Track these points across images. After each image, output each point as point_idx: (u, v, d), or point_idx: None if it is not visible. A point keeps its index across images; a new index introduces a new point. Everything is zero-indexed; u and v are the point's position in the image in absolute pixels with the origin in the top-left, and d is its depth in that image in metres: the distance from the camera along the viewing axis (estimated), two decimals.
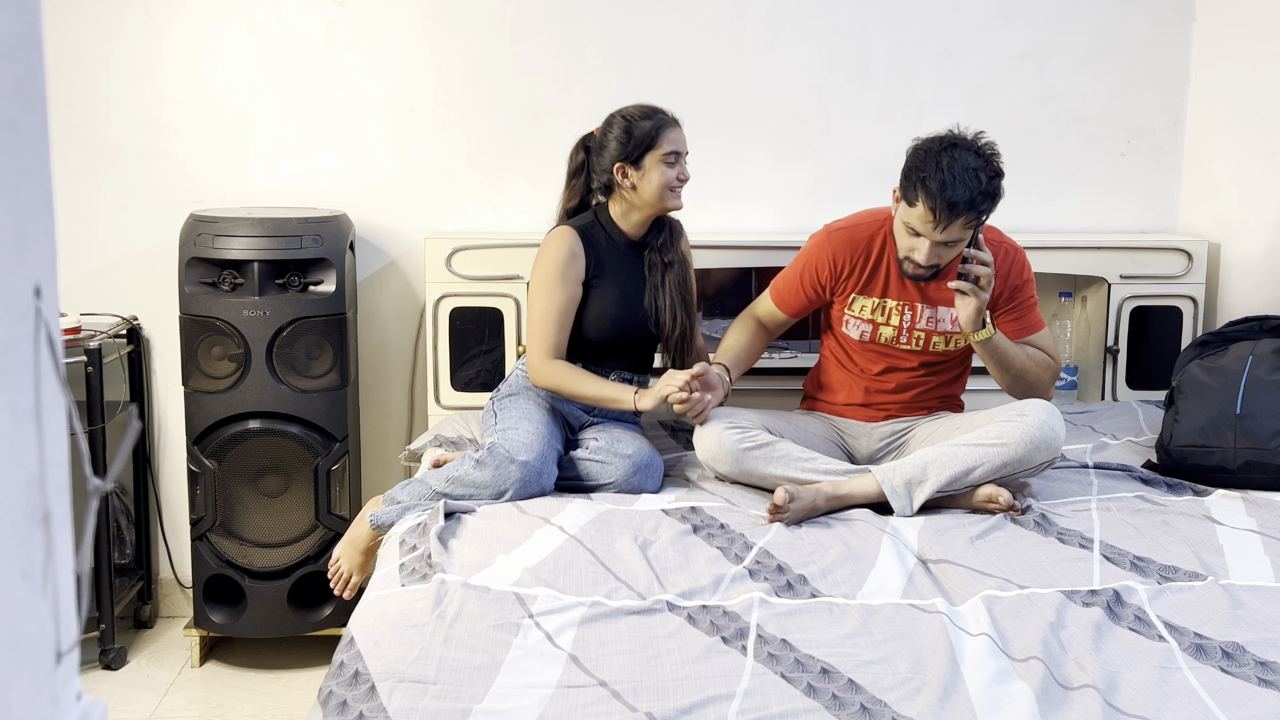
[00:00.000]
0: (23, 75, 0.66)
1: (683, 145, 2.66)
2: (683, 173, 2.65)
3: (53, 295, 0.69)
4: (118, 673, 3.04)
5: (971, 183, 2.35)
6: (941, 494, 2.39)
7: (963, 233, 2.41)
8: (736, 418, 2.52)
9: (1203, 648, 1.77)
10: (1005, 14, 3.33)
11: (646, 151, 2.61)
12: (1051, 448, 2.39)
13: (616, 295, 2.68)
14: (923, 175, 2.37)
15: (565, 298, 2.63)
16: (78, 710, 0.71)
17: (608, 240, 2.70)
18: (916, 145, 2.46)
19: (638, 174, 2.63)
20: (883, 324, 2.62)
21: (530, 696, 1.61)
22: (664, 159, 2.61)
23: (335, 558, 2.57)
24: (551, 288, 2.63)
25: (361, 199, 3.26)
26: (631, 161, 2.62)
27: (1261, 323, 2.80)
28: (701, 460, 2.54)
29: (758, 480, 2.48)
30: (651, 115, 2.65)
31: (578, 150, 2.76)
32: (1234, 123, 3.25)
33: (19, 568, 0.64)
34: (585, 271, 2.66)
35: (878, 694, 1.63)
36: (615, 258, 2.70)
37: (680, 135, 2.66)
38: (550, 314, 2.62)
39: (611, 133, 2.65)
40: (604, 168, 2.66)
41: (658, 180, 2.61)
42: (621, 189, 2.66)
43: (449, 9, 3.23)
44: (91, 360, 2.94)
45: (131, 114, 3.20)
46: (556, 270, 2.63)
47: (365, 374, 3.33)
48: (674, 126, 2.65)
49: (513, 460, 2.38)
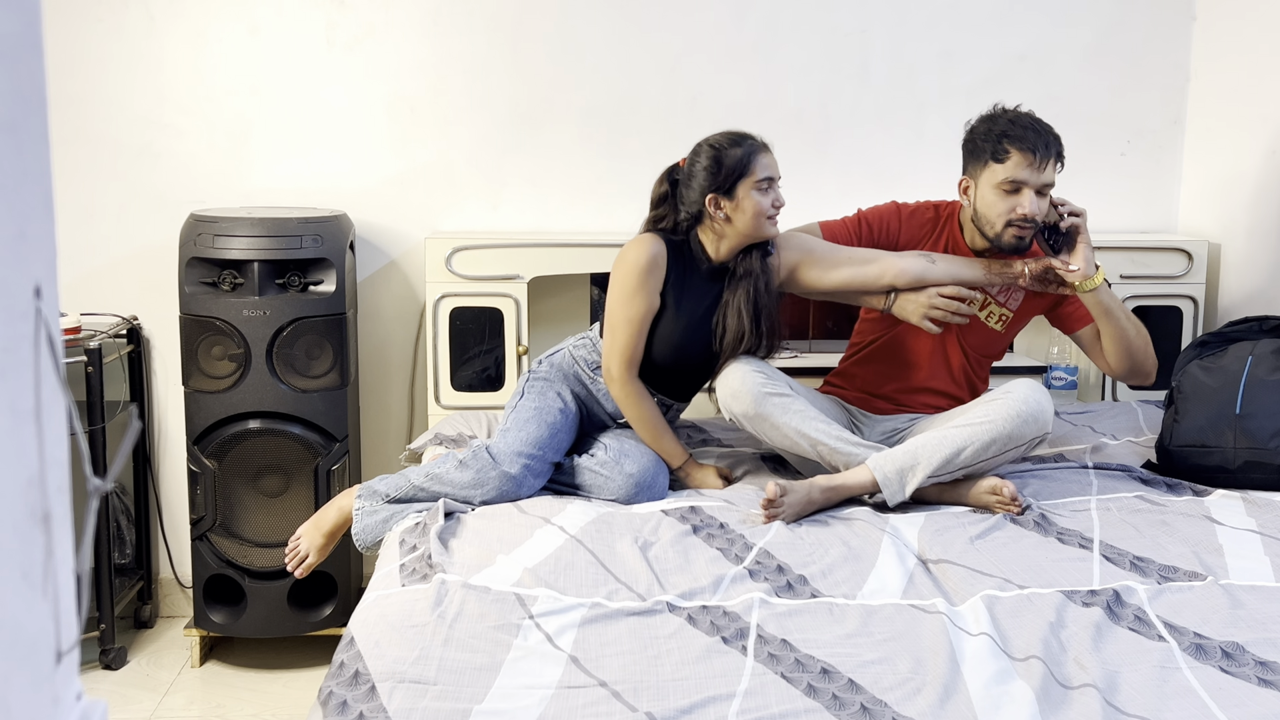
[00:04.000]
0: (23, 75, 0.66)
1: (776, 170, 2.54)
2: (778, 199, 2.53)
3: (53, 295, 0.69)
4: (118, 673, 3.04)
5: (1046, 125, 2.53)
6: (935, 479, 2.39)
7: (1054, 176, 2.54)
8: (764, 367, 2.54)
9: (1202, 647, 1.77)
10: (1005, 14, 3.33)
11: (739, 180, 2.49)
12: (1040, 421, 2.39)
13: (686, 320, 2.58)
14: (1002, 130, 2.51)
15: (644, 307, 2.54)
16: (78, 710, 0.71)
17: (692, 261, 2.59)
18: (975, 121, 2.59)
19: (731, 204, 2.50)
20: None
21: (530, 697, 1.61)
22: (757, 186, 2.50)
23: (296, 535, 2.54)
24: (631, 296, 2.53)
25: (361, 199, 3.26)
26: (724, 192, 2.50)
27: (1261, 323, 2.80)
28: (720, 398, 2.53)
29: (769, 429, 2.48)
30: (741, 142, 2.53)
31: (661, 182, 2.62)
32: (1234, 123, 3.25)
33: (19, 568, 0.64)
34: (664, 283, 2.56)
35: (878, 694, 1.63)
36: (696, 280, 2.59)
37: (772, 160, 2.54)
38: (629, 324, 2.54)
39: (699, 163, 2.53)
40: (693, 200, 2.53)
41: (752, 209, 2.50)
42: (714, 220, 2.54)
43: (449, 9, 3.23)
44: (91, 360, 2.94)
45: (132, 114, 3.21)
46: (637, 278, 2.53)
47: (365, 374, 3.33)
48: (765, 152, 2.54)
49: (495, 467, 2.38)
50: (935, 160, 3.24)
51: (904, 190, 3.00)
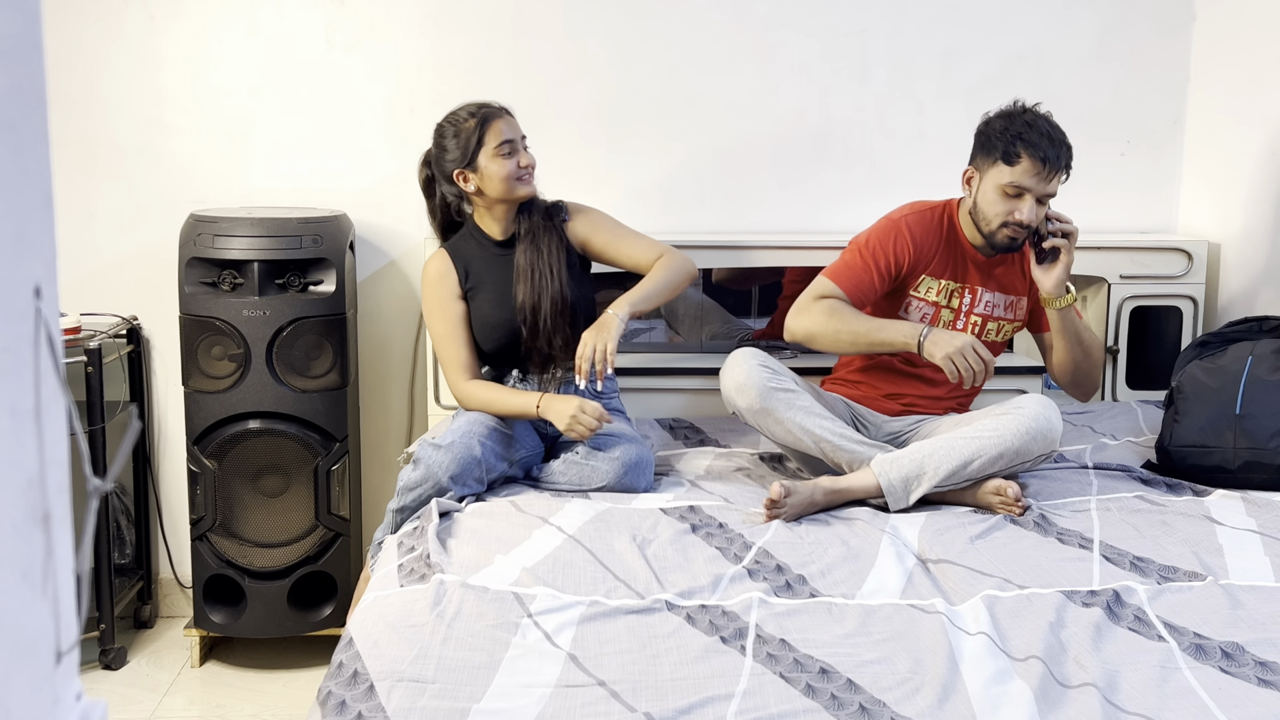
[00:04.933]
0: (23, 75, 0.66)
1: (516, 131, 2.59)
2: (524, 159, 2.59)
3: (53, 295, 0.69)
4: (118, 673, 3.04)
5: (1063, 138, 2.52)
6: (940, 489, 2.39)
7: (1057, 188, 2.53)
8: (769, 361, 2.53)
9: (1202, 648, 1.77)
10: (1005, 14, 3.33)
11: (478, 150, 2.57)
12: (1048, 439, 2.40)
13: (495, 300, 2.64)
14: (1018, 132, 2.50)
15: (450, 317, 2.63)
16: (78, 710, 0.71)
17: (478, 247, 2.67)
18: (992, 117, 2.58)
19: (477, 175, 2.59)
20: (944, 307, 2.66)
21: (529, 696, 1.61)
22: (498, 152, 2.56)
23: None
24: (434, 312, 2.65)
25: (361, 199, 3.26)
26: (468, 165, 2.58)
27: (1261, 323, 2.80)
28: (725, 391, 2.53)
29: (772, 424, 2.48)
30: (476, 112, 2.59)
31: (422, 168, 2.72)
32: (1234, 123, 3.25)
33: (19, 568, 0.64)
34: (459, 285, 2.65)
35: (876, 694, 1.63)
36: (487, 264, 2.66)
37: (511, 123, 2.59)
38: (443, 337, 2.64)
39: (443, 141, 2.61)
40: (446, 176, 2.62)
41: (498, 174, 2.56)
42: (470, 195, 2.63)
43: (449, 9, 3.23)
44: (91, 360, 2.94)
45: (131, 114, 3.21)
46: (431, 296, 2.65)
47: (365, 374, 3.33)
48: (500, 116, 2.59)
49: (437, 448, 2.39)
50: (935, 160, 3.24)
51: (905, 190, 3.00)
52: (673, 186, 3.30)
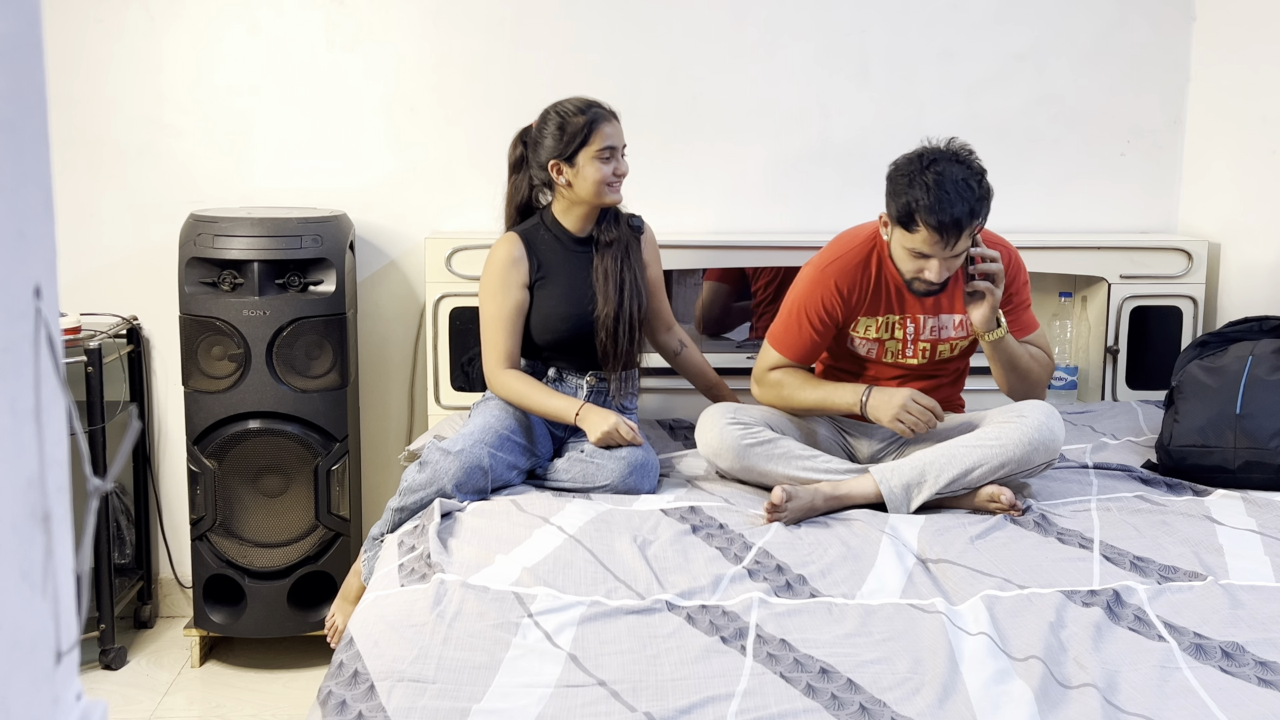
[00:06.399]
0: (23, 75, 0.66)
1: (619, 139, 2.60)
2: (619, 168, 2.60)
3: (53, 295, 0.69)
4: (118, 673, 3.04)
5: (965, 194, 2.32)
6: (940, 497, 2.39)
7: (968, 243, 2.39)
8: (739, 413, 2.52)
9: (1202, 647, 1.77)
10: (1005, 14, 3.33)
11: (581, 148, 2.57)
12: (1050, 449, 2.40)
13: (564, 294, 2.64)
14: (915, 200, 2.33)
15: (510, 304, 2.62)
16: (78, 710, 0.71)
17: (553, 240, 2.67)
18: (895, 169, 2.42)
19: (572, 171, 2.59)
20: (888, 339, 2.60)
21: (529, 696, 1.61)
22: (599, 155, 2.56)
23: (330, 614, 2.67)
24: (494, 295, 2.63)
25: (361, 199, 3.26)
26: (566, 159, 2.58)
27: (1261, 323, 2.80)
28: (703, 455, 2.54)
29: (758, 477, 2.48)
30: (586, 110, 2.59)
31: (516, 144, 2.72)
32: (1234, 123, 3.25)
33: (19, 568, 0.64)
34: (529, 275, 2.64)
35: (877, 694, 1.63)
36: (561, 257, 2.67)
37: (616, 129, 2.60)
38: (496, 321, 2.62)
39: (546, 129, 2.61)
40: (540, 164, 2.62)
41: (592, 177, 2.57)
42: (559, 186, 2.63)
43: (449, 9, 3.23)
44: (91, 360, 2.94)
45: (132, 114, 3.20)
46: (498, 277, 2.63)
47: (365, 374, 3.33)
48: (609, 120, 2.59)
49: (446, 453, 2.40)
50: None
51: None
52: (673, 186, 3.30)
